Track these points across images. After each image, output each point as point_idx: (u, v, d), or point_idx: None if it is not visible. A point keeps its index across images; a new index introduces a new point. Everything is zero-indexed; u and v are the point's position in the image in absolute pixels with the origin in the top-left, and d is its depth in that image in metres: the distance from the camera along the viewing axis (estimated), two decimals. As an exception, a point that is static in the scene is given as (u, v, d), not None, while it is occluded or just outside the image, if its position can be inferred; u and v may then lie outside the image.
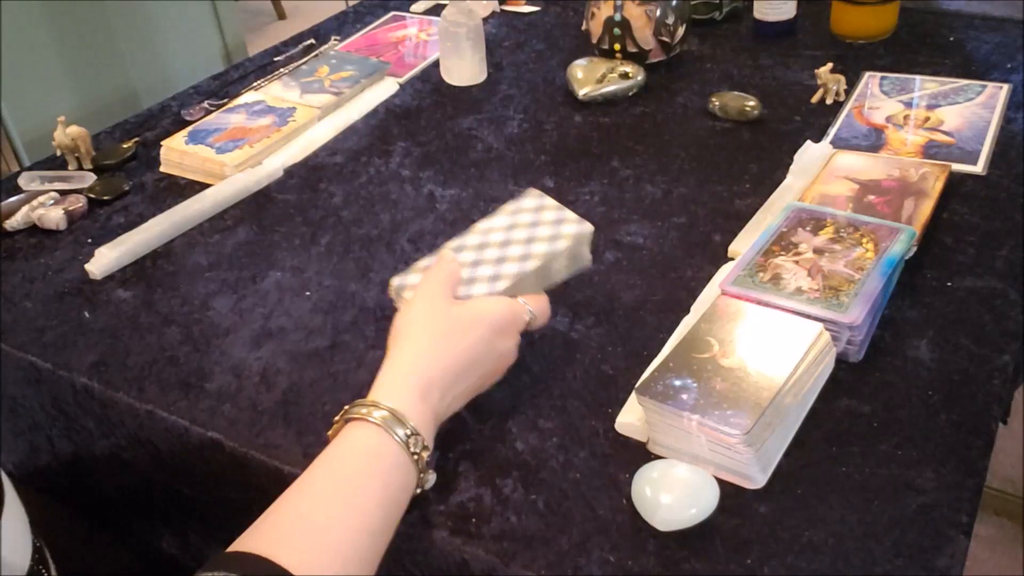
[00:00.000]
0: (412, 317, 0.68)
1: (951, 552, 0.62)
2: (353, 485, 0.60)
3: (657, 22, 1.24)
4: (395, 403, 0.63)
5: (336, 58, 1.36)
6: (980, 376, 0.75)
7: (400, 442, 0.61)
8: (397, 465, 0.61)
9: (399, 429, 0.61)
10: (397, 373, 0.65)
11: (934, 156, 1.03)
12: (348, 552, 0.57)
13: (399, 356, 0.66)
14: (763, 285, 0.79)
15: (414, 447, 0.62)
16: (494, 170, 1.10)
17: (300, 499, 0.59)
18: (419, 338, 0.67)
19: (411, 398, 0.63)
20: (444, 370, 0.66)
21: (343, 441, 0.62)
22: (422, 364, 0.65)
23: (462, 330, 0.68)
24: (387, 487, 0.61)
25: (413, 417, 0.62)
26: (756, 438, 0.66)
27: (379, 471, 0.61)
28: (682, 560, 0.63)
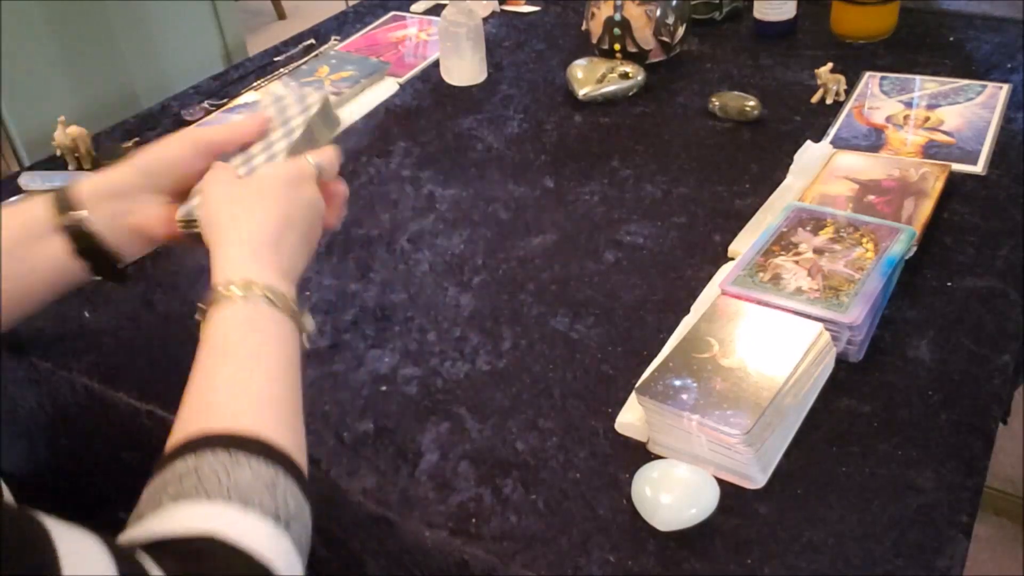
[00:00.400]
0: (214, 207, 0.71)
1: (951, 552, 0.62)
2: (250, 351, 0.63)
3: (657, 22, 1.24)
4: (238, 274, 0.65)
5: (336, 58, 1.36)
6: (980, 376, 0.75)
7: (264, 301, 0.64)
8: (273, 320, 0.65)
9: (255, 291, 0.64)
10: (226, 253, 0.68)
11: (934, 156, 1.03)
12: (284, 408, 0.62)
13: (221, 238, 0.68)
14: (763, 285, 0.79)
15: (277, 301, 0.65)
16: (494, 170, 1.10)
17: (214, 381, 0.62)
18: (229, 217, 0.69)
19: (248, 265, 0.66)
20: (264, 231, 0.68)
21: (218, 324, 0.64)
22: (243, 235, 0.68)
23: (259, 194, 0.70)
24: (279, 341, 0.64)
25: (260, 277, 0.65)
26: (756, 438, 0.66)
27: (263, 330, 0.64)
28: (682, 560, 0.63)
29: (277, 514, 0.55)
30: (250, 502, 0.54)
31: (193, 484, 0.54)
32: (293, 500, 0.56)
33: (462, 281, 0.92)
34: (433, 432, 0.75)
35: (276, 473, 0.56)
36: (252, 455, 0.56)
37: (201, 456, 0.55)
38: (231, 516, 0.53)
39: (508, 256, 0.95)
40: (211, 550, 0.51)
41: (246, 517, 0.53)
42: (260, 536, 0.53)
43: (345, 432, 0.76)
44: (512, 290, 0.90)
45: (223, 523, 0.52)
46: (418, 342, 0.84)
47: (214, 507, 0.53)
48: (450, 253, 0.96)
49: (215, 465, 0.55)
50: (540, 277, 0.91)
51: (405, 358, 0.83)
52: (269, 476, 0.56)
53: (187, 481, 0.54)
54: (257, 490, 0.55)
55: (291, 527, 0.55)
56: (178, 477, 0.55)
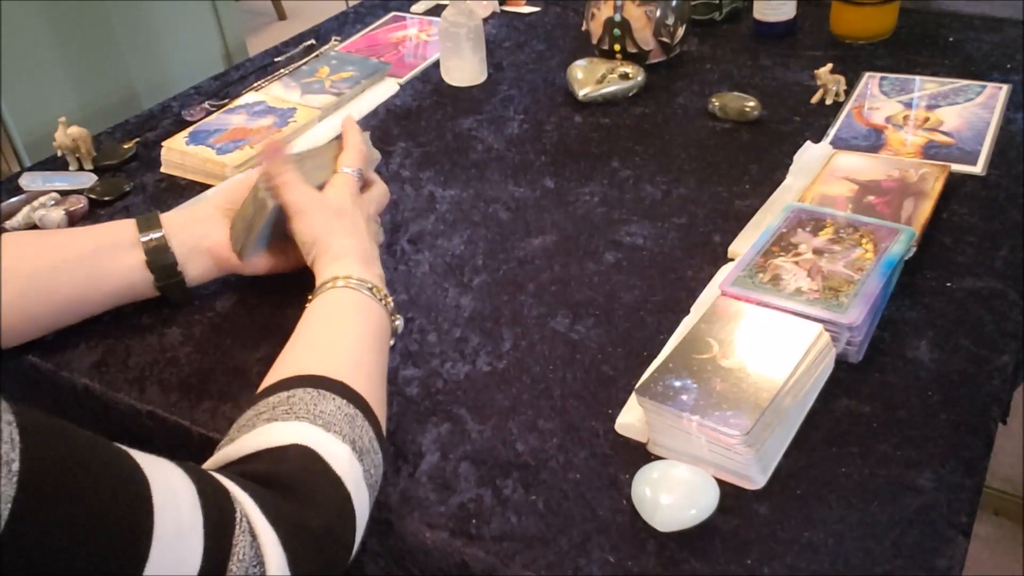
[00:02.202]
0: (317, 230, 0.80)
1: (951, 552, 0.62)
2: (347, 320, 0.73)
3: (657, 22, 1.24)
4: (350, 271, 0.76)
5: (336, 59, 1.36)
6: (980, 376, 0.75)
7: (367, 293, 0.75)
8: (372, 307, 0.75)
9: (362, 286, 0.75)
10: (334, 263, 0.78)
11: (934, 156, 1.03)
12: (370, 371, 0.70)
13: (328, 252, 0.79)
14: (763, 286, 0.79)
15: (378, 295, 0.75)
16: (494, 170, 1.10)
17: (310, 338, 0.72)
18: (327, 234, 0.80)
19: (358, 268, 0.77)
20: (360, 244, 0.80)
21: (321, 301, 0.74)
22: (344, 248, 0.79)
23: (345, 213, 0.82)
24: (373, 321, 0.74)
25: (367, 276, 0.76)
26: (756, 439, 0.66)
27: (363, 311, 0.74)
28: (682, 560, 0.63)
29: (354, 443, 0.62)
30: (332, 427, 0.61)
31: (284, 410, 0.62)
32: (368, 438, 0.64)
33: (462, 282, 0.92)
34: (433, 433, 0.75)
35: (356, 413, 0.64)
36: (337, 395, 0.64)
37: (292, 390, 0.63)
38: (316, 434, 0.60)
39: (508, 257, 0.95)
40: (296, 454, 0.59)
41: (328, 437, 0.61)
42: (338, 455, 0.60)
43: (345, 433, 0.76)
44: (512, 291, 0.90)
45: (309, 437, 0.60)
46: (418, 343, 0.84)
47: (301, 425, 0.60)
48: (450, 254, 0.96)
49: (304, 397, 0.63)
50: (540, 278, 0.91)
51: (405, 359, 0.83)
52: (350, 412, 0.63)
53: (279, 408, 0.62)
54: (338, 420, 0.62)
55: (364, 459, 0.62)
56: (271, 406, 0.62)
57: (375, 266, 0.80)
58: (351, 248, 0.79)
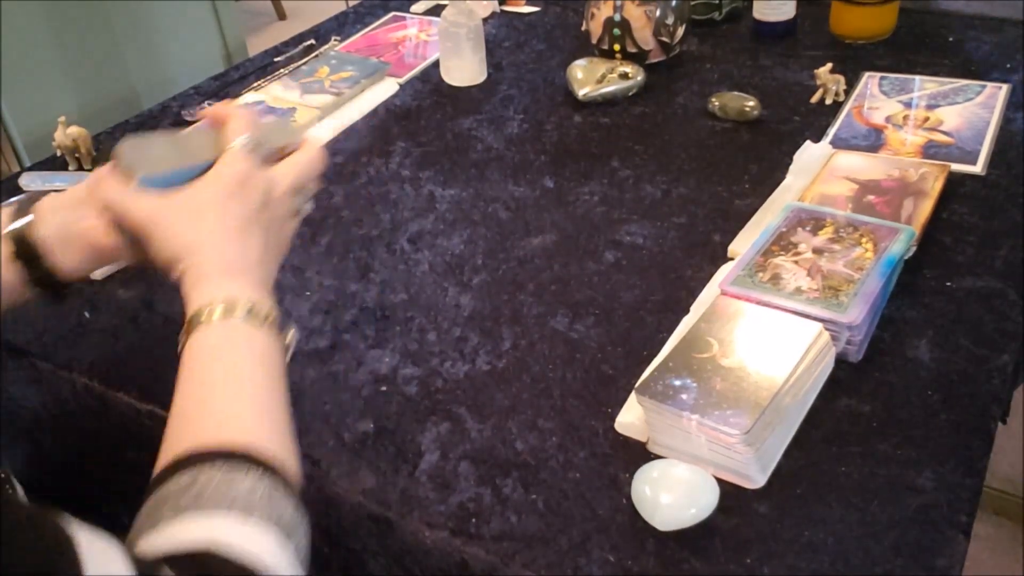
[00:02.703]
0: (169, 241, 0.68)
1: (951, 552, 0.62)
2: (233, 367, 0.63)
3: (657, 22, 1.24)
4: (214, 297, 0.65)
5: (336, 58, 1.36)
6: (980, 376, 0.75)
7: (242, 320, 0.64)
8: (253, 337, 0.65)
9: (233, 311, 0.64)
10: (196, 284, 0.67)
11: (933, 156, 1.03)
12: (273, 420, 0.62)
13: (188, 270, 0.67)
14: (763, 285, 0.79)
15: (257, 316, 0.65)
16: (494, 170, 1.10)
17: (199, 400, 0.61)
18: (185, 248, 0.68)
19: (220, 289, 0.66)
20: (225, 250, 0.68)
21: (197, 347, 0.64)
22: (206, 260, 0.67)
23: (207, 213, 0.68)
24: (258, 354, 0.64)
25: (239, 295, 0.65)
26: (755, 438, 0.66)
27: (243, 347, 0.64)
28: (682, 560, 0.63)
29: (279, 521, 0.54)
30: (252, 511, 0.53)
31: (192, 497, 0.53)
32: (290, 510, 0.56)
33: (462, 281, 0.92)
34: (433, 432, 0.75)
35: (273, 484, 0.56)
36: (249, 467, 0.56)
37: (197, 471, 0.55)
38: (233, 526, 0.52)
39: (508, 256, 0.95)
40: (215, 562, 0.51)
41: (248, 527, 0.53)
42: (263, 545, 0.53)
43: (345, 432, 0.76)
44: (512, 290, 0.90)
45: (225, 534, 0.52)
46: (418, 342, 0.84)
47: (215, 519, 0.52)
48: (450, 253, 0.96)
49: (213, 478, 0.54)
50: (540, 277, 0.91)
51: (405, 358, 0.83)
52: (266, 487, 0.55)
53: (185, 496, 0.54)
54: (256, 502, 0.54)
55: (292, 537, 0.55)
56: (175, 493, 0.54)
57: (252, 271, 0.68)
58: (214, 260, 0.67)
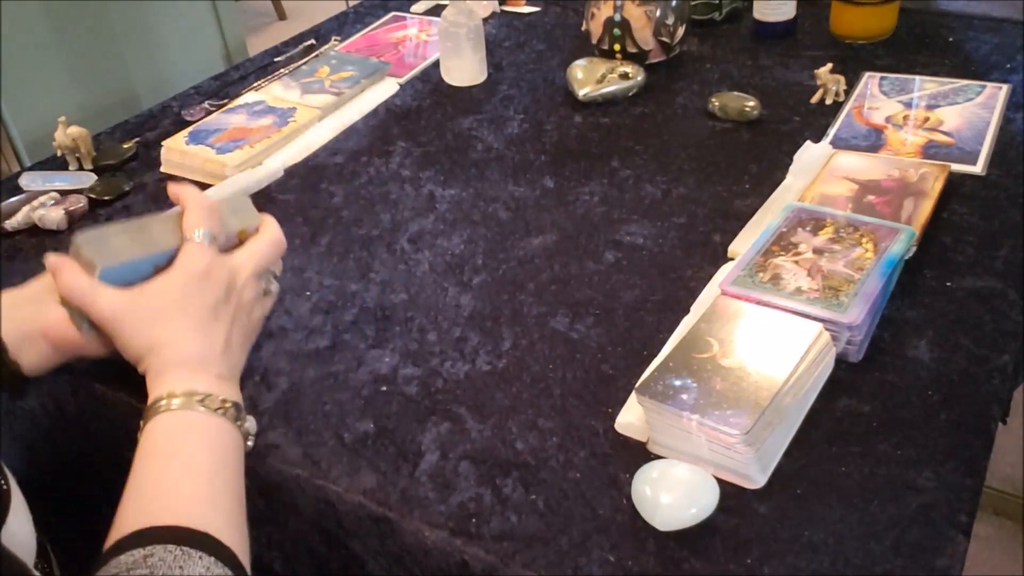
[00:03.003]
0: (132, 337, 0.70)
1: (951, 552, 0.62)
2: (191, 453, 0.64)
3: (657, 22, 1.24)
4: (175, 387, 0.66)
5: (336, 58, 1.36)
6: (980, 376, 0.75)
7: (200, 410, 0.66)
8: (209, 426, 0.66)
9: (190, 405, 0.66)
10: (160, 379, 0.68)
11: (933, 156, 1.03)
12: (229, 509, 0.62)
13: (151, 366, 0.69)
14: (763, 285, 0.79)
15: (212, 405, 0.66)
16: (494, 170, 1.10)
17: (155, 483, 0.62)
18: (148, 345, 0.69)
19: (183, 382, 0.67)
20: (189, 346, 0.69)
21: (156, 431, 0.65)
22: (169, 356, 0.68)
23: (170, 308, 0.70)
24: (214, 442, 0.65)
25: (198, 386, 0.67)
26: (756, 438, 0.66)
27: (202, 434, 0.65)
28: (682, 560, 0.63)
29: None
30: None
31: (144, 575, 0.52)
32: None
33: (462, 281, 0.92)
34: (433, 432, 0.75)
35: (226, 572, 0.55)
36: (204, 551, 0.55)
37: (150, 550, 0.54)
38: None
39: (508, 256, 0.95)
40: None
41: None
42: None
43: (345, 432, 0.76)
44: (512, 290, 0.90)
45: None
46: (418, 342, 0.84)
47: None
48: (450, 253, 0.96)
49: (166, 557, 0.53)
50: (540, 277, 0.91)
51: (405, 358, 0.83)
52: (220, 574, 0.55)
53: (137, 571, 0.52)
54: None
55: None
56: (126, 567, 0.53)
57: (215, 364, 0.69)
58: (176, 357, 0.68)
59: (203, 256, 0.70)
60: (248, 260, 0.74)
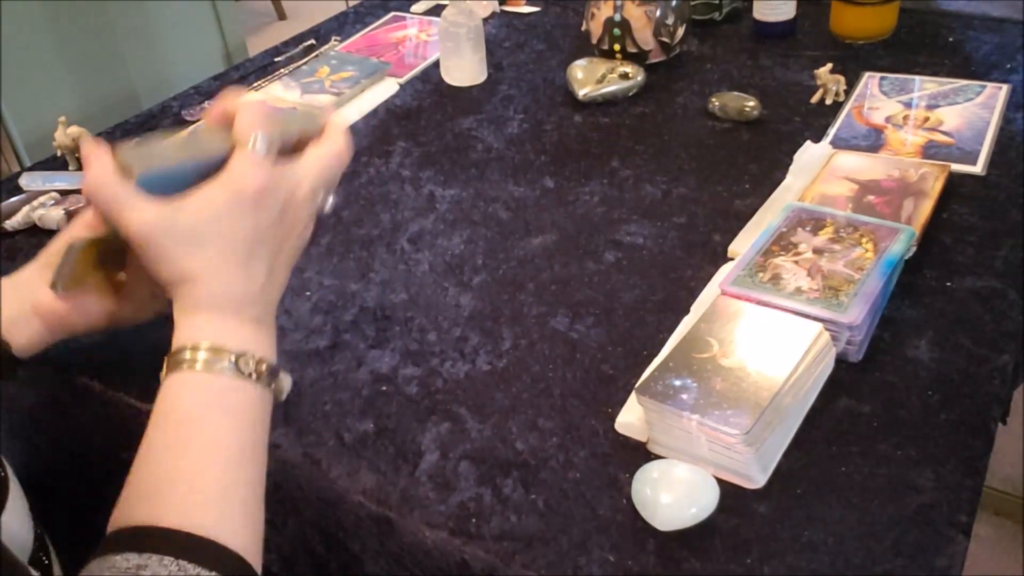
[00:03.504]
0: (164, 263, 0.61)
1: (951, 552, 0.62)
2: (210, 432, 0.58)
3: (657, 22, 1.24)
4: (204, 338, 0.59)
5: (336, 58, 1.36)
6: (980, 376, 0.75)
7: (229, 372, 0.59)
8: (238, 395, 0.59)
9: (220, 363, 0.58)
10: (189, 317, 0.60)
11: (933, 156, 1.03)
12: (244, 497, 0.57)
13: (180, 300, 0.61)
14: (763, 285, 0.79)
15: (245, 368, 0.59)
16: (494, 170, 1.10)
17: (167, 464, 0.57)
18: (180, 274, 0.61)
19: (214, 327, 0.60)
20: (222, 280, 0.61)
21: (175, 396, 0.59)
22: (205, 287, 0.60)
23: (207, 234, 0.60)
24: (240, 418, 0.59)
25: (230, 340, 0.59)
26: (756, 438, 0.66)
27: (226, 406, 0.59)
28: (682, 560, 0.63)
29: None
30: None
31: None
32: None
33: (462, 281, 0.92)
34: (433, 432, 0.75)
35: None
36: (204, 567, 0.51)
37: (146, 558, 0.50)
38: None
39: (508, 256, 0.95)
40: None
41: None
42: None
43: (345, 432, 0.76)
44: (512, 290, 0.90)
45: None
46: (418, 342, 0.84)
47: None
48: (450, 253, 0.96)
49: (160, 574, 0.50)
50: (540, 277, 0.91)
51: (405, 358, 0.83)
52: None
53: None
54: None
55: None
56: (120, 571, 0.50)
57: (252, 305, 0.61)
58: (210, 293, 0.60)
59: (257, 171, 0.60)
60: (309, 173, 0.63)
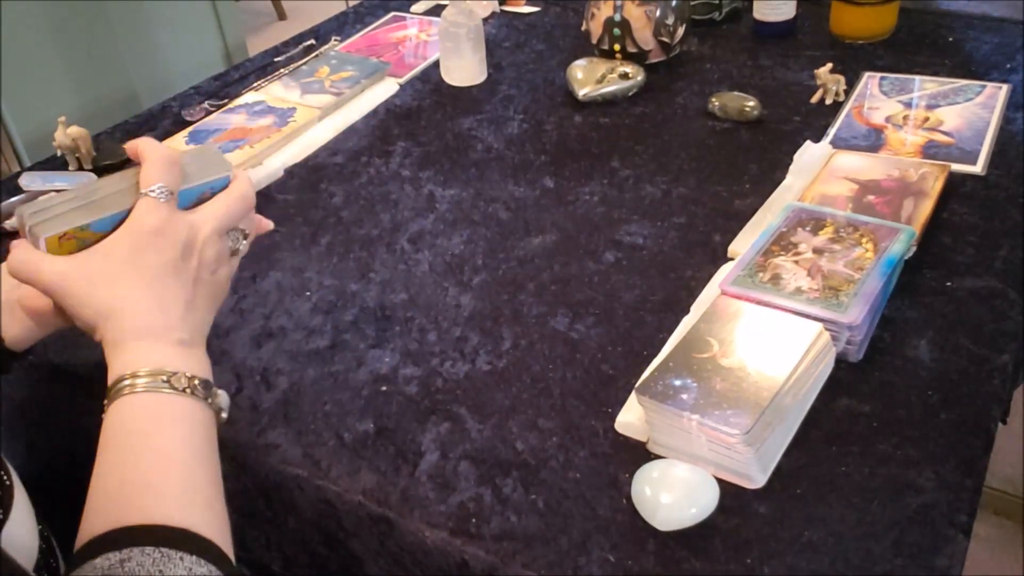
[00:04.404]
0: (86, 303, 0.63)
1: (951, 552, 0.62)
2: (161, 440, 0.59)
3: (657, 22, 1.24)
4: (138, 366, 0.61)
5: (336, 58, 1.36)
6: (980, 376, 0.75)
7: (165, 391, 0.60)
8: (180, 405, 0.61)
9: (154, 385, 0.60)
10: (118, 349, 0.62)
11: (933, 156, 1.03)
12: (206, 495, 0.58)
13: (107, 334, 0.63)
14: (763, 285, 0.79)
15: (179, 385, 0.60)
16: (494, 170, 1.10)
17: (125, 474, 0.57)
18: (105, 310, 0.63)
19: (144, 355, 0.61)
20: (144, 310, 0.63)
21: (120, 417, 0.60)
22: (127, 324, 0.62)
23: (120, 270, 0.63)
24: (189, 426, 0.60)
25: (161, 361, 0.61)
26: (756, 438, 0.66)
27: (171, 418, 0.60)
28: (682, 560, 0.63)
29: None
30: None
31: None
32: None
33: (462, 281, 0.92)
34: (433, 432, 0.75)
35: (211, 571, 0.52)
36: (184, 551, 0.52)
37: (127, 553, 0.51)
38: None
39: (508, 256, 0.95)
40: None
41: None
42: None
43: (345, 432, 0.76)
44: (512, 290, 0.90)
45: None
46: (418, 342, 0.84)
47: None
48: (450, 253, 0.96)
49: (144, 562, 0.50)
50: (540, 277, 0.91)
51: (405, 358, 0.83)
52: (204, 573, 0.52)
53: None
54: None
55: None
56: (101, 572, 0.50)
57: (174, 330, 0.63)
58: (131, 324, 0.62)
59: (156, 212, 0.63)
60: (210, 217, 0.67)
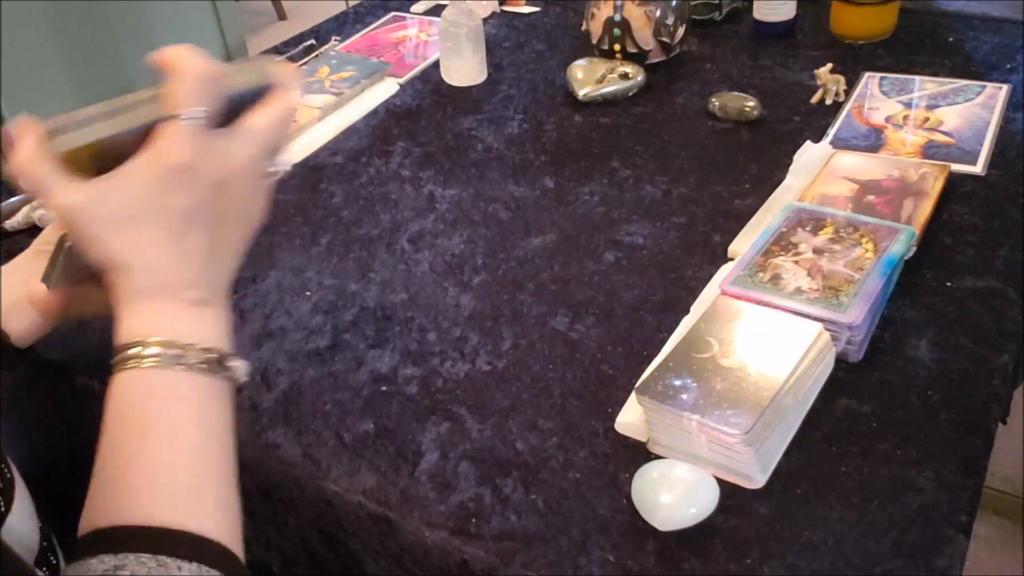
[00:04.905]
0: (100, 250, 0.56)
1: (951, 552, 0.62)
2: (169, 426, 0.54)
3: (657, 22, 1.24)
4: (149, 332, 0.55)
5: (336, 58, 1.36)
6: (980, 376, 0.75)
7: (178, 367, 0.54)
8: (193, 384, 0.55)
9: (167, 359, 0.54)
10: (130, 307, 0.56)
11: (933, 156, 1.03)
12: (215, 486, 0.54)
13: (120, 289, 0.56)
14: (763, 285, 0.79)
15: (192, 360, 0.55)
16: (494, 170, 1.10)
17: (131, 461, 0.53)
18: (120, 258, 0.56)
19: (157, 318, 0.55)
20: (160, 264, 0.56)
21: (128, 394, 0.55)
22: (139, 273, 0.56)
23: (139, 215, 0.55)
24: (200, 409, 0.55)
25: (174, 330, 0.55)
26: (756, 438, 0.66)
27: (182, 399, 0.55)
28: (682, 560, 0.63)
29: None
30: None
31: None
32: None
33: (462, 281, 0.92)
34: (433, 432, 0.75)
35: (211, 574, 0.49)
36: (184, 560, 0.49)
37: (123, 558, 0.48)
38: None
39: (508, 256, 0.95)
40: None
41: None
42: None
43: (345, 432, 0.76)
44: (512, 290, 0.90)
45: None
46: (418, 342, 0.84)
47: None
48: (450, 253, 0.96)
49: (139, 573, 0.47)
50: (540, 277, 0.91)
51: (405, 358, 0.83)
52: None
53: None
54: None
55: None
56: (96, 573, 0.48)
57: (193, 286, 0.56)
58: (145, 279, 0.55)
59: (187, 143, 0.55)
60: (248, 143, 0.58)
